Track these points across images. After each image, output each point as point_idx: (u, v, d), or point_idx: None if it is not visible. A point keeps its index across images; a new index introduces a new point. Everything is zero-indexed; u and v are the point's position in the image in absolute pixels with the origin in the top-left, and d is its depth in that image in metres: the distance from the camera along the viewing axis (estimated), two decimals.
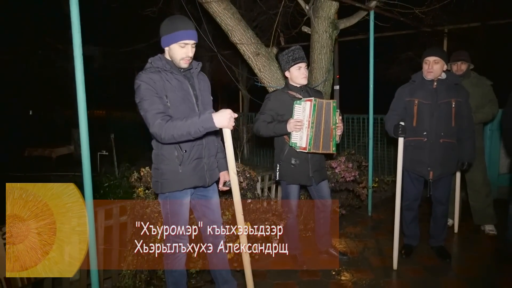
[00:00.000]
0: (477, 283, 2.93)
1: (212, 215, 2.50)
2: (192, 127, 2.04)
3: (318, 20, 4.08)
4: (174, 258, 2.38)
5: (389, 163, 5.59)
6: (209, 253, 2.56)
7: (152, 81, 2.16)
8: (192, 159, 2.29)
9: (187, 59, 2.24)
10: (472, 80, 3.79)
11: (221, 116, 2.03)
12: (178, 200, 2.32)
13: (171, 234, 2.35)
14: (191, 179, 2.30)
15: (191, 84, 2.31)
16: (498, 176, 4.90)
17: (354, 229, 4.10)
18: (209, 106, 2.40)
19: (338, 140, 3.01)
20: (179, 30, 2.17)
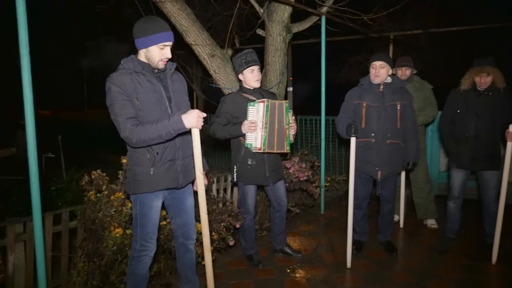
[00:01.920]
0: (420, 273, 3.13)
1: (185, 216, 2.50)
2: (163, 130, 2.07)
3: (272, 23, 4.15)
4: (139, 261, 2.35)
5: (340, 162, 5.81)
6: (178, 252, 2.58)
7: (122, 84, 2.13)
8: (165, 161, 2.28)
9: (166, 60, 2.25)
10: (415, 84, 4.05)
11: (189, 117, 2.07)
12: (148, 202, 2.30)
13: (138, 236, 2.32)
14: (163, 181, 2.29)
15: (164, 85, 2.30)
16: (438, 174, 5.27)
17: (308, 227, 4.22)
18: (184, 107, 2.37)
19: (292, 139, 3.10)
20: (159, 32, 2.17)
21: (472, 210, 4.47)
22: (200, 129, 2.18)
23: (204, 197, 2.30)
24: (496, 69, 3.22)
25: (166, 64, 2.30)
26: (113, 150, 4.63)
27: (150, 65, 2.25)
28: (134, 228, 2.35)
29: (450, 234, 3.63)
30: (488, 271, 3.17)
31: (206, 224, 2.34)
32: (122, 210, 2.80)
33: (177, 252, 2.60)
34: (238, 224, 3.15)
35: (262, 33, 4.46)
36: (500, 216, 3.20)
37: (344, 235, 3.77)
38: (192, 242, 2.56)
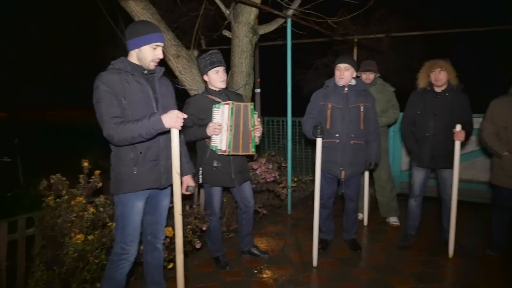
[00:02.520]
0: (383, 269, 3.23)
1: (157, 215, 2.50)
2: (143, 129, 2.11)
3: (239, 25, 4.16)
4: (118, 265, 2.32)
5: (307, 163, 5.90)
6: (145, 251, 2.56)
7: (111, 83, 2.16)
8: (148, 160, 2.30)
9: (157, 60, 2.29)
10: (378, 87, 4.18)
11: (168, 117, 2.11)
12: (130, 203, 2.29)
13: (118, 238, 2.31)
14: (146, 180, 2.30)
15: (152, 87, 2.32)
16: (400, 173, 5.46)
17: (275, 228, 4.25)
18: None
19: (258, 141, 3.11)
20: (152, 32, 2.24)
21: (431, 207, 4.67)
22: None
23: (180, 198, 2.31)
24: (448, 65, 3.38)
25: (156, 66, 2.33)
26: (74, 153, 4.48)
27: (140, 67, 2.29)
28: (116, 231, 2.35)
29: (411, 230, 3.76)
30: (445, 264, 3.31)
31: (180, 225, 2.34)
32: (83, 215, 2.71)
33: (145, 251, 2.58)
34: (204, 227, 3.12)
35: (229, 34, 4.46)
36: (454, 212, 3.35)
37: (310, 235, 3.82)
38: (160, 241, 2.56)
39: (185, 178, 2.63)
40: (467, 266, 3.28)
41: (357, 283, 3.01)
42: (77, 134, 8.67)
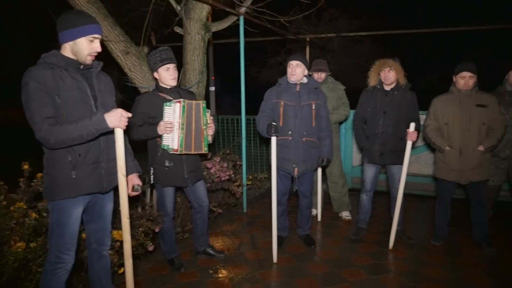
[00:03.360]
0: (336, 263, 3.31)
1: (102, 222, 2.35)
2: (84, 129, 1.96)
3: (190, 21, 4.08)
4: (53, 275, 2.13)
5: (262, 161, 5.92)
6: (90, 260, 2.41)
7: (43, 79, 1.95)
8: (88, 163, 2.12)
9: (95, 54, 2.12)
10: (329, 85, 4.27)
11: (112, 116, 1.99)
12: (67, 210, 2.11)
13: (53, 247, 2.12)
14: (86, 185, 2.13)
15: (89, 84, 2.14)
16: (352, 168, 5.64)
17: (231, 226, 4.23)
18: (110, 108, 2.19)
19: (210, 140, 3.07)
20: (89, 23, 2.07)
21: (381, 201, 4.87)
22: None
23: (126, 201, 2.20)
24: (397, 64, 3.53)
25: (93, 60, 2.16)
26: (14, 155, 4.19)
27: (75, 61, 2.10)
28: (49, 239, 2.15)
29: (362, 224, 3.90)
30: (394, 255, 3.46)
31: (128, 229, 2.24)
32: (24, 222, 2.53)
33: (89, 260, 2.42)
34: (157, 228, 3.03)
35: (180, 31, 4.36)
36: (399, 204, 3.51)
37: (266, 232, 3.86)
38: (106, 248, 2.41)
39: (130, 177, 2.48)
40: (414, 256, 3.44)
41: (311, 278, 3.06)
42: (16, 134, 8.11)
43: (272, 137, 3.20)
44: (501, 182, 3.89)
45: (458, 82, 3.38)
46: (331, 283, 2.96)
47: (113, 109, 2.04)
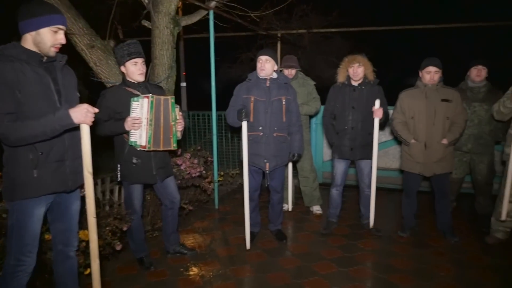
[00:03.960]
0: (307, 257, 3.34)
1: (68, 222, 2.25)
2: (47, 126, 1.89)
3: (159, 15, 3.98)
4: (13, 278, 2.02)
5: (233, 157, 5.90)
6: (55, 261, 2.30)
7: (2, 73, 1.85)
8: (52, 161, 2.03)
9: (59, 46, 2.02)
10: (299, 81, 4.30)
11: (78, 112, 1.93)
12: (28, 210, 2.01)
13: (13, 249, 2.01)
14: (49, 184, 2.03)
15: (52, 78, 2.03)
16: (322, 163, 5.70)
17: (202, 223, 4.19)
18: (75, 104, 2.08)
19: (180, 136, 3.01)
20: (53, 13, 1.99)
21: (350, 195, 4.96)
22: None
23: (92, 199, 2.13)
24: (366, 60, 3.58)
25: (57, 53, 2.06)
26: None
27: (37, 54, 1.99)
28: (9, 241, 2.04)
29: (333, 218, 3.95)
30: (363, 248, 3.53)
31: (94, 228, 2.17)
32: None
33: (55, 261, 2.32)
34: (125, 227, 2.96)
35: (148, 24, 4.25)
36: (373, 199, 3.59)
37: (238, 228, 3.85)
38: (72, 249, 2.32)
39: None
40: (382, 248, 3.52)
41: (283, 272, 3.07)
42: None
43: (243, 122, 3.18)
44: (464, 174, 4.04)
45: (424, 77, 3.48)
46: (302, 277, 2.99)
47: (79, 105, 1.96)
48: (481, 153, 3.82)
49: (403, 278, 2.97)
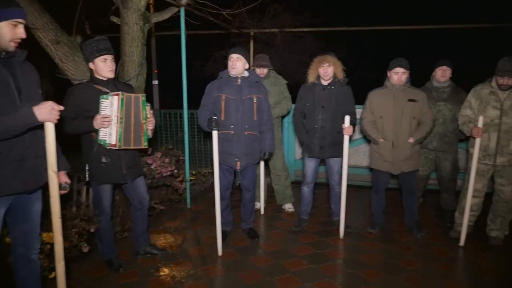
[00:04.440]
0: (279, 254, 3.37)
1: (29, 224, 2.17)
2: (10, 124, 1.82)
3: (128, 11, 3.89)
4: None
5: (206, 155, 5.86)
6: (16, 265, 2.21)
7: None
8: (12, 161, 1.94)
9: (18, 41, 1.94)
10: (271, 80, 4.31)
11: (42, 109, 1.87)
12: None
13: None
14: (9, 185, 1.95)
15: (12, 74, 1.94)
16: (294, 161, 5.76)
17: (174, 223, 4.14)
18: (37, 101, 2.00)
19: (151, 134, 2.97)
20: (11, 6, 1.92)
21: (321, 192, 5.03)
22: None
23: (57, 200, 2.05)
24: (336, 60, 3.64)
25: (16, 49, 1.97)
26: None
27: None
28: None
29: (304, 215, 4.00)
30: (334, 244, 3.59)
31: (59, 229, 2.10)
32: None
33: (16, 265, 2.23)
34: (92, 228, 2.88)
35: (117, 20, 4.14)
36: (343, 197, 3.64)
37: (210, 227, 3.83)
38: (35, 251, 2.24)
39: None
40: (352, 244, 3.60)
41: (255, 270, 3.08)
42: None
43: (213, 132, 3.17)
44: (430, 171, 4.18)
45: (391, 77, 3.56)
46: (273, 275, 3.01)
47: (43, 102, 1.89)
48: (446, 150, 3.96)
49: (372, 273, 3.04)
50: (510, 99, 3.30)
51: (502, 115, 3.31)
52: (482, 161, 3.43)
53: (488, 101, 3.37)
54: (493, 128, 3.35)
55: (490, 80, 3.43)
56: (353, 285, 2.86)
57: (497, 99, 3.34)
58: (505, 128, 3.31)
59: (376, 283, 2.88)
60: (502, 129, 3.32)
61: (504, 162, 3.36)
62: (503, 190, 3.44)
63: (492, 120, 3.35)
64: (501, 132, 3.33)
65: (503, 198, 3.46)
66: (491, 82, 3.41)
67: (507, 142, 3.32)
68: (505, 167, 3.39)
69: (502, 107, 3.31)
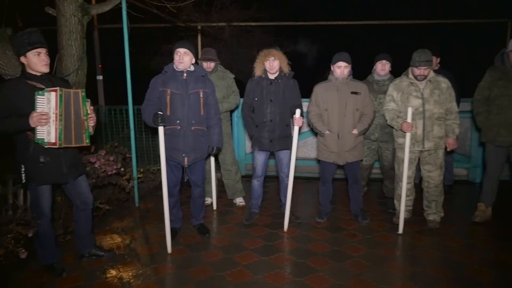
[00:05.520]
0: (230, 249, 3.37)
1: None
2: None
3: (64, 2, 3.68)
4: None
5: (154, 152, 5.72)
6: None
7: None
8: None
9: None
10: (219, 74, 4.28)
11: None
12: None
13: None
14: None
15: None
16: (245, 156, 5.79)
17: (121, 223, 4.00)
18: None
19: (92, 131, 2.85)
20: None
21: (271, 185, 5.10)
22: None
23: None
24: (281, 54, 3.69)
25: None
26: None
27: None
28: None
29: (255, 209, 4.04)
30: (284, 236, 3.66)
31: None
32: None
33: None
34: (30, 233, 2.71)
35: (53, 12, 3.90)
36: (290, 188, 3.72)
37: (159, 225, 3.75)
38: None
39: None
40: (301, 234, 3.69)
41: (206, 266, 3.07)
42: None
43: (159, 127, 3.10)
44: (373, 161, 4.39)
45: (335, 71, 3.68)
46: (224, 269, 3.01)
47: None
48: (387, 141, 4.16)
49: (320, 260, 3.14)
50: (427, 87, 3.59)
51: (424, 103, 3.59)
52: (411, 148, 3.66)
53: (409, 92, 3.63)
54: (419, 116, 3.61)
55: (407, 73, 3.71)
56: (302, 273, 2.94)
57: (417, 89, 3.62)
58: (428, 114, 3.59)
59: (323, 270, 2.98)
60: (426, 116, 3.59)
61: (431, 146, 3.63)
62: (431, 175, 3.71)
63: (417, 109, 3.60)
64: (426, 119, 3.60)
65: (432, 183, 3.73)
66: (408, 75, 3.67)
67: (431, 127, 3.60)
68: (431, 154, 3.66)
69: (423, 95, 3.59)
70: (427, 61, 3.50)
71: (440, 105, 3.58)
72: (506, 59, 3.62)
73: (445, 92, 3.60)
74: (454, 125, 3.62)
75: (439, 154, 3.67)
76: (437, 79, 3.63)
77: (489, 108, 3.73)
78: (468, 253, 3.27)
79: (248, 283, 2.81)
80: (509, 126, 3.58)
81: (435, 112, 3.58)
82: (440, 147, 3.64)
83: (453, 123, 3.62)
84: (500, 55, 3.71)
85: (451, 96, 3.62)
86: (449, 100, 3.61)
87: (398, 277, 2.89)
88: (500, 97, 3.62)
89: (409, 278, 2.86)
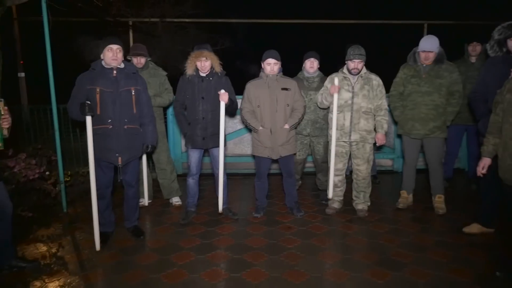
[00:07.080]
0: (166, 249, 3.31)
1: None
2: None
3: None
4: None
5: (84, 154, 5.40)
6: None
7: None
8: None
9: None
10: (150, 71, 4.17)
11: None
12: None
13: None
14: None
15: None
16: (181, 154, 5.70)
17: (47, 230, 3.74)
18: None
19: (7, 134, 2.64)
20: None
21: (208, 183, 5.08)
22: None
23: None
24: (212, 54, 3.69)
25: None
26: None
27: None
28: None
29: (191, 207, 4.00)
30: (220, 233, 3.67)
31: None
32: None
33: None
34: None
35: None
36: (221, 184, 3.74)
37: (89, 231, 3.58)
38: None
39: None
40: (238, 230, 3.72)
41: (140, 269, 2.98)
42: None
43: (87, 117, 2.97)
44: (306, 155, 4.55)
45: (265, 68, 3.77)
46: (160, 271, 2.95)
47: None
48: (318, 135, 4.34)
49: (257, 255, 3.20)
50: (359, 82, 3.82)
51: (354, 97, 3.81)
52: (340, 140, 3.87)
53: (342, 85, 3.84)
54: (347, 108, 3.83)
55: (342, 68, 3.91)
56: (239, 268, 2.97)
57: (349, 84, 3.83)
58: (356, 107, 3.81)
59: (260, 264, 3.03)
60: (354, 109, 3.82)
61: (357, 139, 3.86)
62: (360, 169, 3.95)
63: (346, 102, 3.82)
64: (354, 112, 3.82)
65: (360, 175, 3.98)
66: (343, 70, 3.88)
67: (358, 120, 3.83)
68: (359, 149, 3.89)
69: (353, 90, 3.81)
70: (361, 55, 3.72)
71: (369, 100, 3.80)
72: (418, 58, 3.93)
73: (375, 89, 3.82)
74: (383, 121, 3.86)
75: (367, 149, 3.90)
76: (369, 76, 3.85)
77: (404, 103, 4.04)
78: (391, 237, 3.53)
79: (184, 283, 2.78)
80: (422, 120, 3.91)
81: (362, 106, 3.80)
82: (367, 141, 3.87)
83: (382, 119, 3.86)
84: (412, 54, 4.02)
85: (382, 93, 3.85)
86: (379, 97, 3.84)
87: (330, 265, 3.03)
88: (413, 93, 3.94)
89: (339, 265, 3.01)
